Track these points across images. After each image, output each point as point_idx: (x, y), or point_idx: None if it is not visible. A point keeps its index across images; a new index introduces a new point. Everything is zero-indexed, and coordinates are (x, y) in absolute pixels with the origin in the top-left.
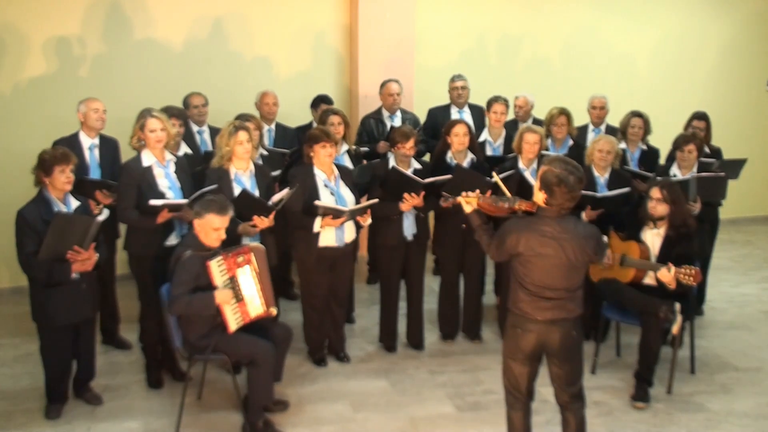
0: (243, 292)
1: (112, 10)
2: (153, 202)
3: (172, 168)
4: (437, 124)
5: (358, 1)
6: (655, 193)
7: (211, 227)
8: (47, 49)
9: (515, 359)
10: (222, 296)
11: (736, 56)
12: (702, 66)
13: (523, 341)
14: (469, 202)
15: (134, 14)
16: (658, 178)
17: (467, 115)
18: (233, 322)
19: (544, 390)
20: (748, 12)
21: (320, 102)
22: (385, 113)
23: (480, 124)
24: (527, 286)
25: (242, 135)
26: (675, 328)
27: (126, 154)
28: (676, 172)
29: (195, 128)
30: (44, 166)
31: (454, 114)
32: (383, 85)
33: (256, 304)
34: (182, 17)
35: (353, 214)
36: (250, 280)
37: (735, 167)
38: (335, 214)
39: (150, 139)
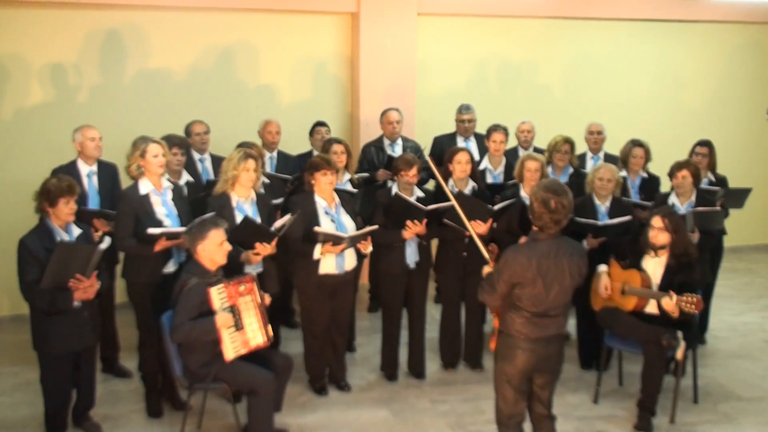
0: (243, 321)
1: (112, 39)
2: (151, 230)
3: (169, 195)
4: (443, 152)
5: (360, 29)
6: (657, 222)
7: (216, 243)
8: (47, 77)
9: (510, 382)
10: (222, 319)
11: (735, 84)
12: (701, 93)
13: (520, 361)
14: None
15: (134, 43)
16: (655, 208)
17: (473, 145)
18: (231, 351)
19: None
20: (745, 40)
21: (317, 126)
22: (386, 141)
23: (486, 153)
24: (528, 308)
25: (251, 163)
26: (679, 353)
27: (124, 182)
28: (674, 201)
29: (196, 156)
30: (49, 196)
31: (460, 143)
32: (383, 113)
33: (256, 335)
34: (184, 46)
35: (353, 241)
36: (251, 309)
37: (739, 197)
38: (335, 240)
39: (152, 165)
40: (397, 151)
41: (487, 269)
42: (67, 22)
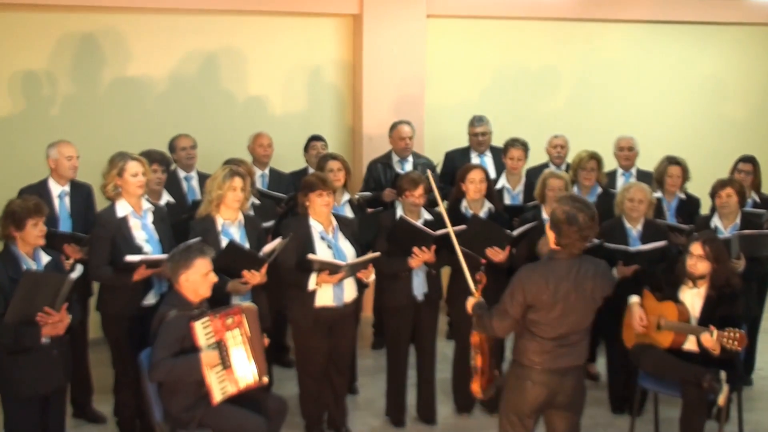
0: (231, 358)
1: (88, 44)
2: (129, 258)
3: (149, 218)
4: (455, 169)
5: (363, 33)
6: (696, 249)
7: (201, 273)
8: (17, 87)
9: (519, 417)
10: (208, 358)
11: None
12: (744, 104)
13: (531, 395)
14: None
15: (112, 49)
16: (695, 233)
17: (489, 160)
18: (218, 393)
19: None
20: None
21: (312, 140)
22: (395, 158)
23: (502, 169)
24: (543, 334)
25: (237, 181)
26: (721, 399)
27: (100, 203)
28: (716, 223)
29: (182, 174)
30: (15, 218)
31: (474, 158)
32: (393, 127)
33: (246, 374)
34: (166, 52)
35: (352, 270)
36: (240, 345)
37: None
38: (332, 269)
39: (131, 185)
40: (407, 168)
41: (472, 301)
42: (37, 26)
